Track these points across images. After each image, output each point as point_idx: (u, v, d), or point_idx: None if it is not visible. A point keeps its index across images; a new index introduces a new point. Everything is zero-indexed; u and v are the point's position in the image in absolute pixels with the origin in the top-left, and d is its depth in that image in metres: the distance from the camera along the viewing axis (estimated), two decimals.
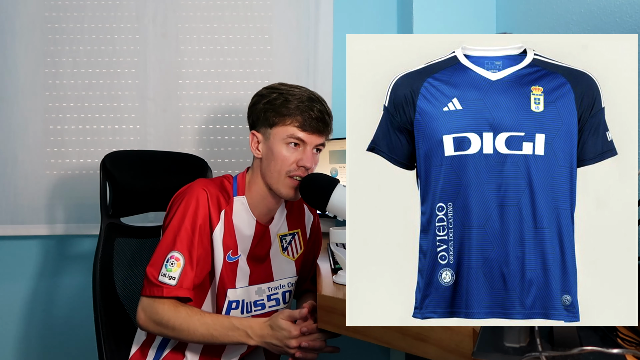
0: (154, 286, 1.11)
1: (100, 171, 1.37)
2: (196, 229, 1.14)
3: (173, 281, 1.11)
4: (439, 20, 1.85)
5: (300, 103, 1.15)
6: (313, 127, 1.15)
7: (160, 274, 1.11)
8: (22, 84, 1.90)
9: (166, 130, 1.95)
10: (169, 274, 1.11)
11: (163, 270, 1.11)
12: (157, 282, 1.11)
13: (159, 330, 1.13)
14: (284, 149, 1.16)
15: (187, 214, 1.14)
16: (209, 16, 1.97)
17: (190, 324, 1.09)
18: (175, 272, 1.11)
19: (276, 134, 1.17)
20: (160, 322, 1.11)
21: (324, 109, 1.18)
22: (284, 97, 1.17)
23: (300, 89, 1.20)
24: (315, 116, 1.15)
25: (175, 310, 1.10)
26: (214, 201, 1.18)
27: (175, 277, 1.11)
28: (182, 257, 1.12)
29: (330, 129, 1.20)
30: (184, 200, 1.16)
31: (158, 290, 1.11)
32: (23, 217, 1.89)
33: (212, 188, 1.19)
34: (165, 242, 1.14)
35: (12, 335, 1.96)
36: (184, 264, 1.12)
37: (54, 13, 1.94)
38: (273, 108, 1.17)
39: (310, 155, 1.16)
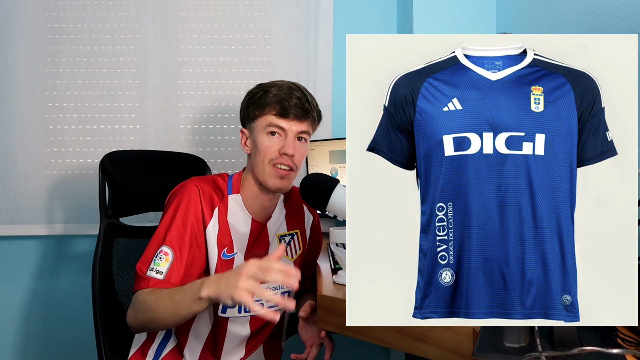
0: (141, 280, 1.08)
1: (100, 171, 1.37)
2: (187, 225, 1.14)
3: (160, 275, 1.08)
4: (439, 20, 1.85)
5: (279, 91, 1.16)
6: (292, 113, 1.15)
7: (149, 268, 1.09)
8: (21, 84, 1.90)
9: (166, 130, 1.95)
10: (157, 268, 1.09)
11: (152, 265, 1.09)
12: (145, 275, 1.08)
13: (135, 320, 1.07)
14: (265, 138, 1.16)
15: (178, 210, 1.14)
16: (209, 16, 1.97)
17: (157, 297, 1.04)
18: (164, 266, 1.09)
19: (257, 125, 1.18)
20: (137, 306, 1.06)
21: (303, 95, 1.17)
22: (263, 90, 1.18)
23: (283, 81, 1.20)
24: (294, 103, 1.15)
25: (150, 292, 1.06)
26: (206, 198, 1.18)
27: (163, 272, 1.09)
28: (171, 252, 1.11)
29: (313, 116, 1.19)
30: (177, 197, 1.16)
31: (144, 282, 1.08)
32: (22, 217, 1.89)
33: (205, 185, 1.19)
34: (156, 238, 1.13)
35: (12, 335, 1.96)
36: (172, 259, 1.10)
37: (54, 13, 1.94)
38: (254, 101, 1.19)
39: (291, 142, 1.16)
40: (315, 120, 1.21)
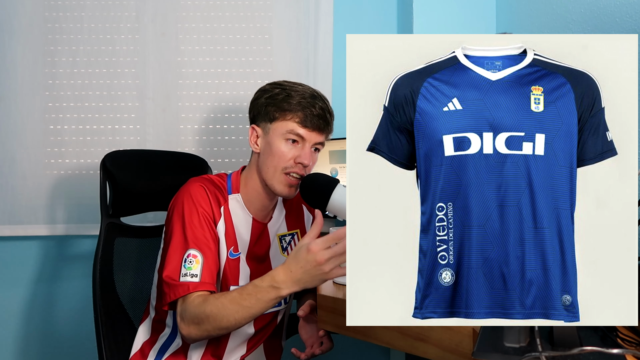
0: (177, 287, 1.07)
1: (101, 171, 1.36)
2: (204, 223, 1.13)
3: (196, 278, 1.08)
4: (439, 20, 1.85)
5: (303, 99, 1.15)
6: (314, 124, 1.14)
7: (181, 274, 1.08)
8: (21, 84, 1.90)
9: (166, 130, 1.95)
10: (190, 272, 1.08)
11: (183, 270, 1.08)
12: (179, 282, 1.07)
13: (199, 330, 1.05)
14: (283, 144, 1.15)
15: (191, 211, 1.13)
16: (209, 16, 1.97)
17: (220, 306, 1.03)
18: (196, 269, 1.08)
19: (276, 128, 1.16)
20: (195, 318, 1.04)
21: (326, 106, 1.17)
22: (286, 92, 1.16)
23: (304, 86, 1.20)
24: (317, 113, 1.14)
25: (204, 301, 1.05)
26: (213, 197, 1.18)
27: (198, 274, 1.08)
28: (199, 253, 1.10)
29: (330, 128, 1.20)
30: (185, 199, 1.15)
31: (183, 289, 1.07)
32: (22, 217, 1.89)
33: (209, 185, 1.19)
34: (177, 243, 1.12)
35: (12, 336, 1.96)
36: (202, 260, 1.10)
37: (53, 13, 1.93)
38: (274, 103, 1.16)
39: (308, 152, 1.16)
40: (331, 131, 1.21)
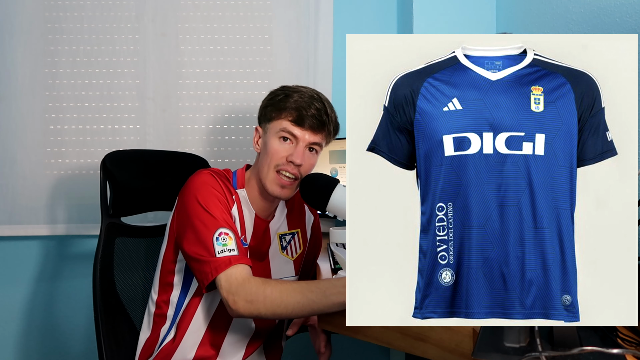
0: (218, 263, 1.03)
1: (101, 171, 1.36)
2: (221, 205, 1.13)
3: (234, 252, 1.05)
4: (439, 20, 1.85)
5: (300, 99, 1.15)
6: (308, 123, 1.14)
7: (217, 252, 1.04)
8: (21, 84, 1.90)
9: (166, 130, 1.95)
10: (227, 248, 1.05)
11: (218, 247, 1.05)
12: (217, 258, 1.04)
13: (250, 308, 1.01)
14: (276, 142, 1.16)
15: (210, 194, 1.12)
16: (209, 16, 1.97)
17: (283, 291, 1.00)
18: (231, 244, 1.06)
19: (272, 127, 1.17)
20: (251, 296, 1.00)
21: (323, 107, 1.17)
22: (286, 93, 1.18)
23: (307, 88, 1.20)
24: (312, 113, 1.14)
25: (265, 282, 1.03)
26: (224, 185, 1.18)
27: (234, 249, 1.06)
28: (229, 231, 1.08)
29: (329, 129, 1.19)
30: (199, 185, 1.14)
31: (224, 263, 1.03)
32: (22, 217, 1.89)
33: (218, 174, 1.20)
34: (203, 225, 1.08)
35: (13, 336, 1.96)
36: (234, 236, 1.08)
37: (54, 13, 1.93)
38: (273, 103, 1.18)
39: (301, 151, 1.15)
40: (330, 133, 1.20)
